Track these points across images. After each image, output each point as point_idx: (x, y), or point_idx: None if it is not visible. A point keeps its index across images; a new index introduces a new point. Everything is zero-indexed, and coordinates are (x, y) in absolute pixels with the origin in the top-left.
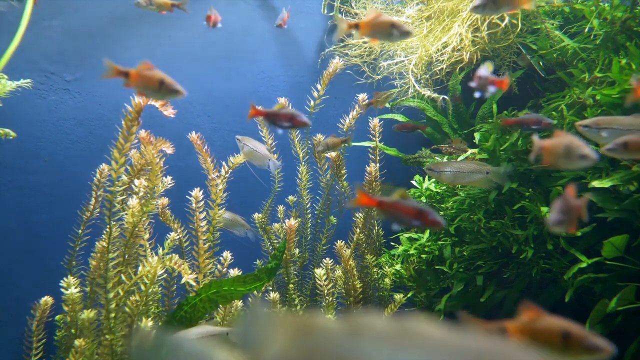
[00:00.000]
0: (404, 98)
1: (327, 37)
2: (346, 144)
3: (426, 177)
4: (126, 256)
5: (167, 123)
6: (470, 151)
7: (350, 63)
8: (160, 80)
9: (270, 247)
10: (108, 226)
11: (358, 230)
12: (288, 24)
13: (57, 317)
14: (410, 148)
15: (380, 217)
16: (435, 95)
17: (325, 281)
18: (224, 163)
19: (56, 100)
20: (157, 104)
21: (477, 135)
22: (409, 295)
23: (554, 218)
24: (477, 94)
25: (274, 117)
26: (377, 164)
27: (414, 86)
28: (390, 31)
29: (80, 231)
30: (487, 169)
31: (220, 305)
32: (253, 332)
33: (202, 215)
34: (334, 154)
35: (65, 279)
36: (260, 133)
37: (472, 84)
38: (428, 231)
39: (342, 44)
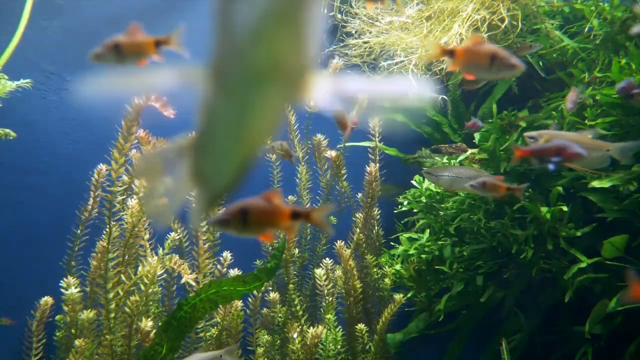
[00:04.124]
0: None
1: (327, 37)
2: (290, 160)
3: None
4: (126, 256)
5: (167, 123)
6: (470, 151)
7: (350, 63)
8: (492, 54)
9: (270, 247)
10: (108, 226)
11: (358, 230)
12: None
13: (57, 317)
14: (410, 148)
15: None
16: (435, 95)
17: (325, 281)
18: None
19: (56, 100)
20: (157, 104)
21: (477, 135)
22: (409, 295)
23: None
24: None
25: (541, 153)
26: (377, 164)
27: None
28: None
29: (79, 231)
30: (485, 176)
31: (220, 305)
32: None
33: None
34: (334, 153)
35: (65, 279)
36: None
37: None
38: (428, 231)
39: (342, 44)
